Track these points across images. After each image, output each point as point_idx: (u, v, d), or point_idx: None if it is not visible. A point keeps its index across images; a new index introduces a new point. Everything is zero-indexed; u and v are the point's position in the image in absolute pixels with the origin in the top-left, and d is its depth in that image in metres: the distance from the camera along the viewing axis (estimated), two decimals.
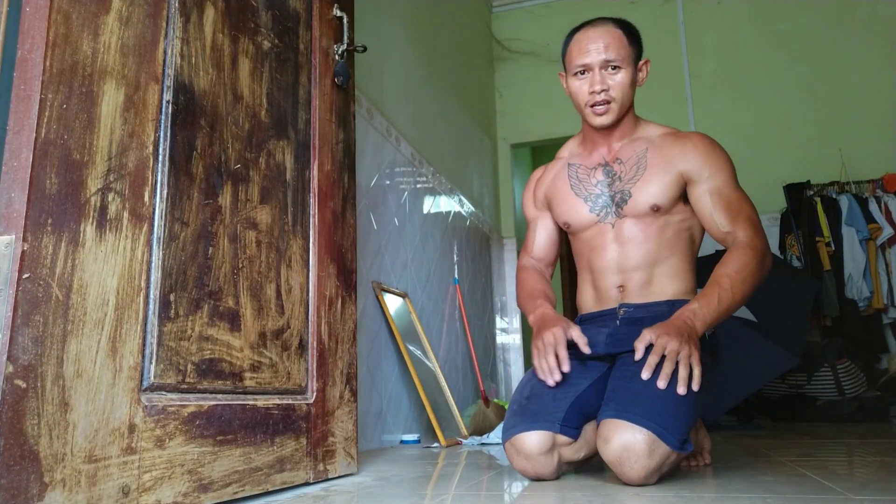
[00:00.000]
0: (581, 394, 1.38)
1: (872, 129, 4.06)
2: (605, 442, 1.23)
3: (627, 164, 1.53)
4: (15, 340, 0.78)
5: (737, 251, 1.40)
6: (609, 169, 1.55)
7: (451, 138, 3.70)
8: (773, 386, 3.22)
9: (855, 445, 2.00)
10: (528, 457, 1.32)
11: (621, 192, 1.52)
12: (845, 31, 4.23)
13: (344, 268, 1.55)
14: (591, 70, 1.49)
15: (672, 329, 1.29)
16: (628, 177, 1.52)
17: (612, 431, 1.22)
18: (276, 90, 1.37)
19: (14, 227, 0.81)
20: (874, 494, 1.09)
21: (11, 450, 0.76)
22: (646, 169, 1.50)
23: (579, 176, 1.60)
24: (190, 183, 1.10)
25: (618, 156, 1.55)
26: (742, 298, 1.37)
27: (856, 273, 3.68)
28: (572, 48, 1.54)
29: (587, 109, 1.52)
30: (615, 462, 1.21)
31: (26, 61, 0.85)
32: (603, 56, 1.48)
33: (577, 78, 1.52)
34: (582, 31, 1.54)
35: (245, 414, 1.16)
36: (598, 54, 1.48)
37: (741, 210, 1.45)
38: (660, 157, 1.50)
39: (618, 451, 1.20)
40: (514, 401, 1.44)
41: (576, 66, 1.51)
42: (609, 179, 1.54)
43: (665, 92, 4.41)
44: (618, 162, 1.54)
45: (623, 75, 1.49)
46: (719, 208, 1.46)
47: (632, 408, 1.23)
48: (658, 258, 1.50)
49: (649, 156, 1.51)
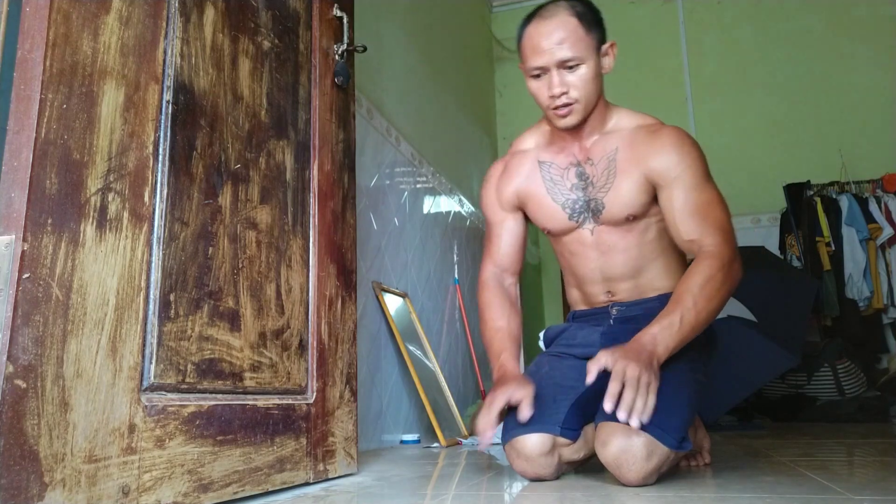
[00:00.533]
0: (580, 395, 1.38)
1: (872, 129, 4.06)
2: (603, 445, 1.22)
3: (599, 167, 1.43)
4: (15, 340, 0.78)
5: (701, 262, 1.29)
6: (581, 170, 1.45)
7: (451, 138, 3.70)
8: (773, 386, 3.21)
9: (855, 445, 2.00)
10: (529, 458, 1.32)
11: (595, 199, 1.44)
12: (845, 31, 4.23)
13: (344, 268, 1.55)
14: (548, 70, 1.36)
15: (631, 354, 1.19)
16: (600, 183, 1.43)
17: (609, 435, 1.22)
18: (276, 90, 1.37)
19: (14, 227, 0.81)
20: (874, 494, 1.09)
21: (11, 450, 0.76)
22: (615, 175, 1.41)
23: (553, 177, 1.49)
24: (190, 183, 1.10)
25: (589, 155, 1.45)
26: (709, 316, 1.27)
27: (856, 273, 3.68)
28: (525, 45, 1.39)
29: (549, 112, 1.41)
30: (613, 465, 1.21)
31: (26, 61, 0.85)
32: (557, 56, 1.34)
33: (535, 79, 1.39)
34: (533, 25, 1.37)
35: (245, 414, 1.16)
36: (552, 54, 1.34)
37: (708, 215, 1.34)
38: (630, 158, 1.41)
39: (616, 454, 1.20)
40: None
41: (530, 67, 1.38)
42: (583, 183, 1.45)
43: (665, 92, 4.41)
44: (589, 163, 1.45)
45: (584, 70, 1.36)
46: (685, 213, 1.34)
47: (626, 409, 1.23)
48: (644, 263, 1.47)
49: (619, 158, 1.42)
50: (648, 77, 4.42)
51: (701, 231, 1.32)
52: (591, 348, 1.43)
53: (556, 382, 1.42)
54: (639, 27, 4.51)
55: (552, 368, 1.47)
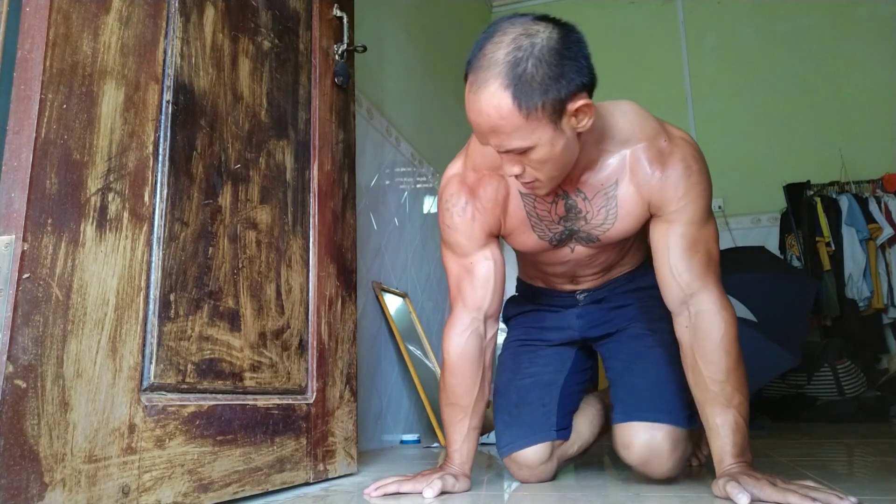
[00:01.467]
0: (563, 388, 1.41)
1: (872, 129, 4.06)
2: (627, 447, 1.24)
3: (594, 204, 1.20)
4: (15, 340, 0.78)
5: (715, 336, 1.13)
6: (572, 203, 1.21)
7: (451, 138, 3.70)
8: (773, 386, 3.21)
9: (855, 445, 2.00)
10: (530, 469, 1.34)
11: (587, 233, 1.24)
12: (845, 31, 4.23)
13: (344, 268, 1.55)
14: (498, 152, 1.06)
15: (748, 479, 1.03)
16: (596, 221, 1.22)
17: (630, 436, 1.23)
18: (276, 90, 1.37)
19: (14, 227, 0.81)
20: (874, 494, 1.09)
21: (11, 450, 0.76)
22: (615, 219, 1.20)
23: (539, 212, 1.23)
24: (190, 183, 1.10)
25: (581, 187, 1.19)
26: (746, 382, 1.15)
27: (856, 273, 3.68)
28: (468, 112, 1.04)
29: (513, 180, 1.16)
30: (641, 464, 1.23)
31: (26, 61, 0.85)
32: (494, 143, 1.03)
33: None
34: (467, 87, 1.01)
35: (245, 414, 1.16)
36: (490, 141, 1.03)
37: (709, 263, 1.16)
38: (632, 200, 1.18)
39: (643, 453, 1.22)
40: (501, 407, 1.43)
41: None
42: (573, 216, 1.22)
43: (665, 92, 4.40)
44: (581, 196, 1.20)
45: (539, 152, 1.03)
46: (679, 250, 1.16)
47: (638, 405, 1.25)
48: (614, 262, 1.38)
49: (620, 197, 1.18)
50: (648, 77, 4.42)
51: (692, 274, 1.15)
52: (568, 331, 1.44)
53: (537, 380, 1.42)
54: (639, 27, 4.51)
55: (531, 363, 1.46)
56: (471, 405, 1.25)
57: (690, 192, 1.15)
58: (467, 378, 1.25)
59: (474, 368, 1.26)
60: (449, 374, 1.26)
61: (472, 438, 1.25)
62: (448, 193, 1.26)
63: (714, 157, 4.12)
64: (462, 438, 1.24)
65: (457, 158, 1.29)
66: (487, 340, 1.29)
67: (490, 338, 1.30)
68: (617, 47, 4.51)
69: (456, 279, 1.28)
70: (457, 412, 1.25)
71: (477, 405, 1.26)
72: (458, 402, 1.25)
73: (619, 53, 4.49)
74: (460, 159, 1.29)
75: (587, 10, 4.59)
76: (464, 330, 1.26)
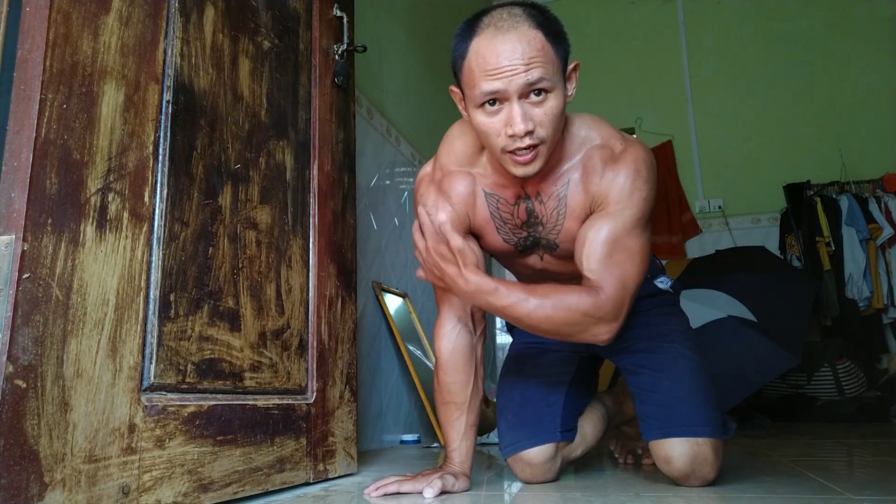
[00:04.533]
0: (568, 389, 1.41)
1: (872, 129, 4.06)
2: (668, 462, 1.24)
3: (548, 206, 1.20)
4: (15, 340, 0.78)
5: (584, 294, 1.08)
6: (530, 206, 1.21)
7: None
8: (773, 386, 3.21)
9: (855, 445, 2.00)
10: (534, 468, 1.34)
11: (546, 239, 1.24)
12: (845, 31, 4.23)
13: (344, 268, 1.55)
14: (508, 100, 1.04)
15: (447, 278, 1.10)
16: (549, 224, 1.21)
17: (670, 451, 1.23)
18: (276, 90, 1.37)
19: (14, 227, 0.81)
20: (874, 494, 1.09)
21: (11, 450, 0.76)
22: (564, 219, 1.19)
23: (502, 215, 1.23)
24: (190, 183, 1.10)
25: (539, 190, 1.19)
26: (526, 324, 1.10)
27: (856, 273, 3.68)
28: (472, 65, 1.05)
29: (504, 157, 1.09)
30: (683, 477, 1.23)
31: (26, 61, 0.85)
32: (524, 78, 1.01)
33: (485, 110, 1.06)
34: (484, 39, 1.04)
35: (245, 414, 1.16)
36: (515, 77, 1.01)
37: (619, 265, 1.11)
38: (579, 195, 1.17)
39: (685, 468, 1.22)
40: (505, 408, 1.43)
41: (482, 92, 1.04)
42: (532, 220, 1.23)
43: (665, 92, 4.40)
44: (538, 200, 1.20)
45: (553, 103, 1.04)
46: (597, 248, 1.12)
47: (675, 420, 1.25)
48: None
49: (569, 194, 1.18)
50: (648, 77, 4.42)
51: (601, 275, 1.10)
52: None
53: (543, 381, 1.42)
54: (639, 27, 4.51)
55: (536, 364, 1.46)
56: (466, 402, 1.25)
57: (633, 196, 1.13)
58: (461, 374, 1.25)
59: (467, 364, 1.26)
60: (442, 371, 1.26)
61: (469, 436, 1.25)
62: (420, 193, 1.28)
63: (714, 157, 4.16)
64: (460, 437, 1.24)
65: (429, 161, 1.30)
66: (477, 336, 1.29)
67: (479, 334, 1.30)
68: (617, 47, 4.51)
69: None
70: (453, 410, 1.25)
71: (472, 401, 1.26)
72: (454, 400, 1.25)
73: (619, 53, 4.49)
74: (430, 162, 1.30)
75: (587, 10, 4.59)
76: (453, 327, 1.26)
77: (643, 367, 1.31)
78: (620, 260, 1.11)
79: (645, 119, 4.36)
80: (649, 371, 1.30)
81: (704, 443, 1.22)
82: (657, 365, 1.30)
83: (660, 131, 4.32)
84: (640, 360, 1.32)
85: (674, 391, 1.27)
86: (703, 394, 1.27)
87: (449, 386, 1.25)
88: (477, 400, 1.27)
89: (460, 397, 1.25)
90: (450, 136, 1.27)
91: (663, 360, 1.31)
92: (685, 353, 1.31)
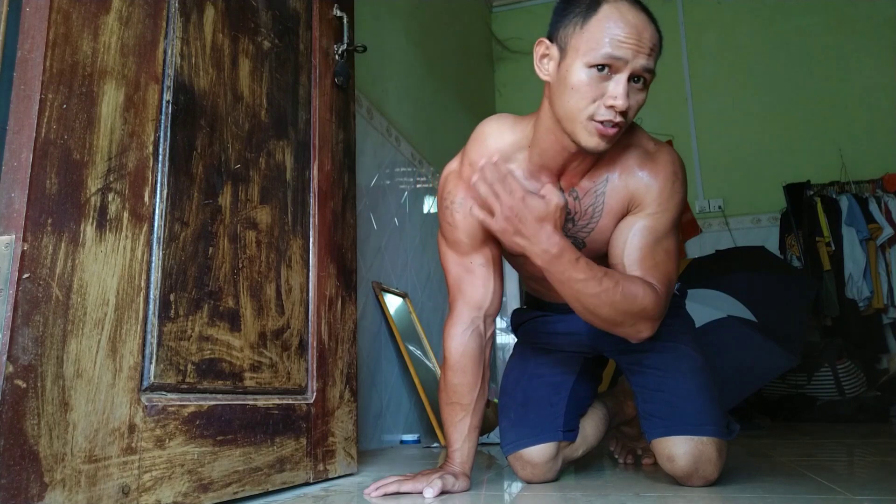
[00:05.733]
0: (572, 390, 1.40)
1: (872, 129, 4.06)
2: (671, 460, 1.23)
3: (584, 202, 1.19)
4: (15, 340, 0.78)
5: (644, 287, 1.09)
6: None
7: (451, 138, 3.70)
8: (773, 386, 3.22)
9: (855, 445, 2.00)
10: (535, 467, 1.34)
11: (574, 237, 1.22)
12: (845, 31, 4.23)
13: (344, 268, 1.55)
14: (621, 72, 1.04)
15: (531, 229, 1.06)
16: (582, 222, 1.21)
17: (673, 450, 1.23)
18: (276, 90, 1.37)
19: (14, 227, 0.81)
20: (874, 494, 1.09)
21: (11, 450, 0.76)
22: (600, 216, 1.19)
23: None
24: (190, 183, 1.10)
25: (575, 185, 1.19)
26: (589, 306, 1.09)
27: (856, 273, 3.68)
28: (603, 22, 1.04)
29: (588, 123, 1.06)
30: (685, 476, 1.23)
31: (26, 61, 0.85)
32: (644, 60, 1.05)
33: (594, 72, 1.04)
34: (620, 6, 1.06)
35: (245, 414, 1.16)
36: (641, 55, 1.04)
37: (663, 266, 1.14)
38: (617, 196, 1.18)
39: (689, 466, 1.22)
40: (508, 406, 1.43)
41: (605, 54, 1.03)
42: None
43: (665, 92, 4.40)
44: (573, 195, 1.19)
45: (643, 96, 1.09)
46: (638, 250, 1.14)
47: (679, 418, 1.24)
48: None
49: (607, 194, 1.18)
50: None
51: (652, 275, 1.13)
52: (577, 336, 1.38)
53: (546, 380, 1.42)
54: None
55: (539, 364, 1.46)
56: (472, 404, 1.25)
57: (671, 200, 1.16)
58: (469, 376, 1.25)
59: (476, 366, 1.26)
60: (451, 372, 1.25)
61: (472, 438, 1.25)
62: (446, 190, 1.27)
63: (714, 157, 4.15)
64: (463, 438, 1.24)
65: (454, 158, 1.30)
66: (487, 339, 1.29)
67: (489, 337, 1.30)
68: None
69: (456, 278, 1.27)
70: (458, 411, 1.25)
71: (478, 404, 1.26)
72: (460, 401, 1.25)
73: None
74: (458, 157, 1.29)
75: None
76: (465, 328, 1.26)
77: (648, 366, 1.31)
78: (663, 261, 1.14)
79: (645, 119, 4.34)
80: (654, 370, 1.30)
81: (708, 442, 1.21)
82: (662, 364, 1.30)
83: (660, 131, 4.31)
84: (646, 360, 1.32)
85: (679, 390, 1.27)
86: (708, 394, 1.27)
87: (456, 387, 1.25)
88: (482, 403, 1.27)
89: (466, 399, 1.25)
90: (482, 132, 1.25)
91: (669, 359, 1.30)
92: (690, 354, 1.31)
